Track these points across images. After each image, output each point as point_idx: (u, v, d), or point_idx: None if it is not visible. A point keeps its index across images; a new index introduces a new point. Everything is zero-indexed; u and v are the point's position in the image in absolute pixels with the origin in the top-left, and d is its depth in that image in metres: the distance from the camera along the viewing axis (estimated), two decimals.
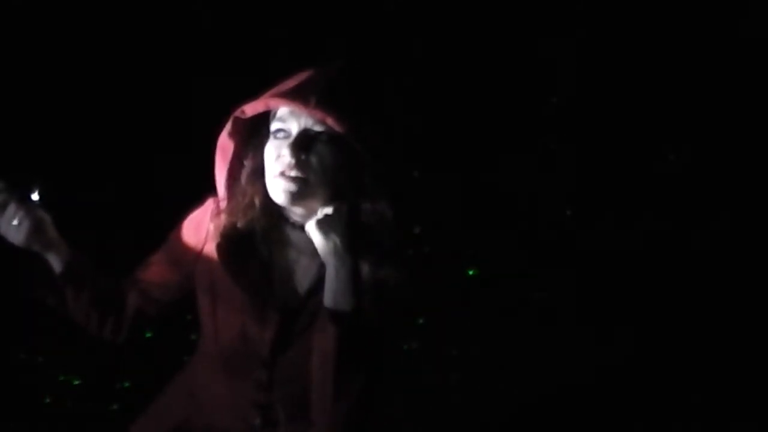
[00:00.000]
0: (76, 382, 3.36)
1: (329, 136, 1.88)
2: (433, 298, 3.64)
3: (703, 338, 3.66)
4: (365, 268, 1.92)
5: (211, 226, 2.03)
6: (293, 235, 2.00)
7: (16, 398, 3.30)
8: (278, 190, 1.91)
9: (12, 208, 1.92)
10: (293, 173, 1.88)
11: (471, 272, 3.78)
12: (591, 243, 3.81)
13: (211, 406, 2.08)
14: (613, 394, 3.50)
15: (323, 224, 1.87)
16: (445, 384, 3.57)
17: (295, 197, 1.90)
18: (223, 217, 2.01)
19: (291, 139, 1.89)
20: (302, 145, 1.88)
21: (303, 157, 1.88)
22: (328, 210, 1.88)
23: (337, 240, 1.86)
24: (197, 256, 2.05)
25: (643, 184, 3.85)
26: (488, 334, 3.65)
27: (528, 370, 3.57)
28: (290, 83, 1.91)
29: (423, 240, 3.73)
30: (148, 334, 3.09)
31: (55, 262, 1.99)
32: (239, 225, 1.99)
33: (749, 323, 3.69)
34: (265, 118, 1.95)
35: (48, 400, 3.33)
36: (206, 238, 2.04)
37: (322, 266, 1.95)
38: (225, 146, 1.98)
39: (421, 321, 3.65)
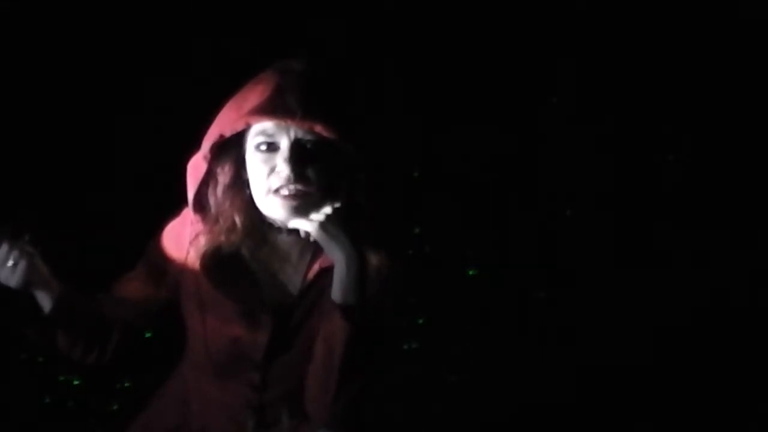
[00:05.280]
0: (76, 382, 3.35)
1: (319, 143, 1.87)
2: (433, 298, 3.65)
3: (707, 338, 3.66)
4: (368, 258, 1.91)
5: (192, 250, 1.99)
6: (278, 239, 1.98)
7: (16, 398, 3.29)
8: (276, 207, 1.89)
9: (5, 248, 1.85)
10: (293, 188, 1.86)
11: (471, 272, 3.78)
12: (591, 243, 3.81)
13: (203, 411, 2.06)
14: (613, 394, 3.49)
15: (326, 225, 1.86)
16: (445, 384, 3.57)
17: (297, 212, 1.88)
18: (202, 239, 1.98)
19: (285, 153, 1.86)
20: (298, 157, 1.86)
21: (300, 170, 1.86)
22: (327, 210, 1.87)
23: (344, 238, 1.86)
24: (180, 267, 2.01)
25: (643, 184, 3.85)
26: (488, 334, 3.65)
27: (528, 370, 3.56)
28: (263, 94, 1.88)
29: (423, 240, 3.75)
30: (148, 334, 3.09)
31: (45, 300, 1.92)
32: (223, 245, 1.97)
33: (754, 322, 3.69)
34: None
35: (48, 400, 3.33)
36: (188, 250, 2.00)
37: (309, 266, 1.95)
38: (198, 166, 1.95)
39: (421, 321, 3.65)
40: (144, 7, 3.46)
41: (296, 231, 1.93)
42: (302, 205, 1.88)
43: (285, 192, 1.87)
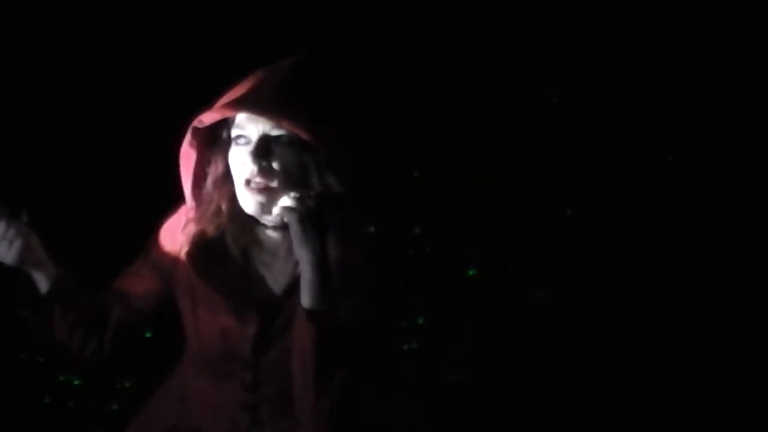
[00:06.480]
0: (76, 382, 3.36)
1: (288, 137, 1.89)
2: (433, 298, 3.66)
3: (707, 339, 3.66)
4: (333, 255, 1.92)
5: (183, 238, 2.02)
6: (265, 235, 2.00)
7: (16, 398, 3.30)
8: (247, 200, 1.92)
9: (2, 226, 1.89)
10: (258, 181, 1.89)
11: (471, 272, 3.78)
12: (591, 242, 3.81)
13: (200, 409, 2.08)
14: (613, 394, 3.50)
15: (301, 221, 1.86)
16: (445, 384, 3.57)
17: (264, 207, 1.91)
18: (191, 226, 2.02)
19: (251, 146, 1.89)
20: (263, 151, 1.89)
21: (265, 164, 1.89)
22: (299, 207, 1.87)
23: (314, 239, 1.86)
24: (175, 262, 2.04)
25: (643, 184, 3.85)
26: (488, 334, 3.65)
27: (528, 370, 3.57)
28: (243, 88, 1.92)
29: (423, 240, 3.75)
30: (148, 334, 3.10)
31: (42, 281, 1.95)
32: (209, 232, 2.00)
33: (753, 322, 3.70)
34: (225, 122, 1.95)
35: (48, 400, 3.33)
36: (182, 244, 2.03)
37: (296, 265, 1.95)
38: (187, 155, 1.99)
39: (421, 321, 3.65)
40: (144, 7, 3.47)
41: (282, 227, 1.95)
42: (267, 202, 1.91)
43: (251, 185, 1.90)
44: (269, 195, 1.90)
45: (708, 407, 3.44)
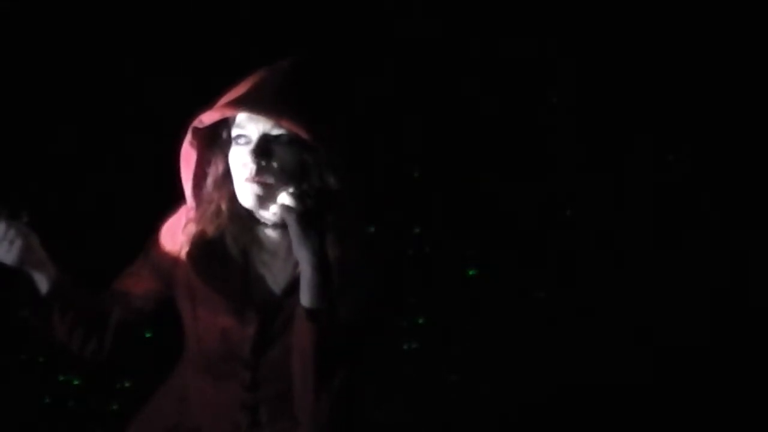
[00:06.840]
0: (76, 382, 3.36)
1: (288, 137, 1.90)
2: (433, 298, 3.66)
3: (705, 339, 3.66)
4: (333, 255, 1.92)
5: (183, 238, 2.03)
6: (265, 235, 2.01)
7: (16, 398, 3.30)
8: (246, 195, 1.92)
9: (2, 226, 1.91)
10: (257, 179, 1.90)
11: (471, 272, 3.78)
12: (591, 242, 3.81)
13: (200, 410, 2.08)
14: (612, 394, 3.50)
15: (297, 227, 1.86)
16: (445, 384, 3.57)
17: (263, 201, 1.92)
18: (191, 225, 2.02)
19: (251, 146, 1.90)
20: (263, 150, 1.89)
21: (264, 163, 1.89)
22: (298, 205, 1.87)
23: (315, 239, 1.86)
24: (175, 262, 2.05)
25: (642, 184, 3.86)
26: (488, 334, 3.65)
27: (528, 370, 3.57)
28: (243, 88, 1.92)
29: (423, 240, 3.75)
30: (148, 334, 3.10)
31: (42, 282, 1.96)
32: (209, 232, 2.01)
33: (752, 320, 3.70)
34: (225, 121, 1.96)
35: (48, 400, 3.33)
36: (182, 244, 2.04)
37: (296, 265, 1.96)
38: (187, 155, 1.99)
39: (421, 321, 3.66)
40: (144, 7, 3.47)
41: (282, 227, 1.95)
42: (265, 196, 1.91)
43: (251, 183, 1.91)
44: (267, 190, 1.91)
45: (708, 407, 3.44)
